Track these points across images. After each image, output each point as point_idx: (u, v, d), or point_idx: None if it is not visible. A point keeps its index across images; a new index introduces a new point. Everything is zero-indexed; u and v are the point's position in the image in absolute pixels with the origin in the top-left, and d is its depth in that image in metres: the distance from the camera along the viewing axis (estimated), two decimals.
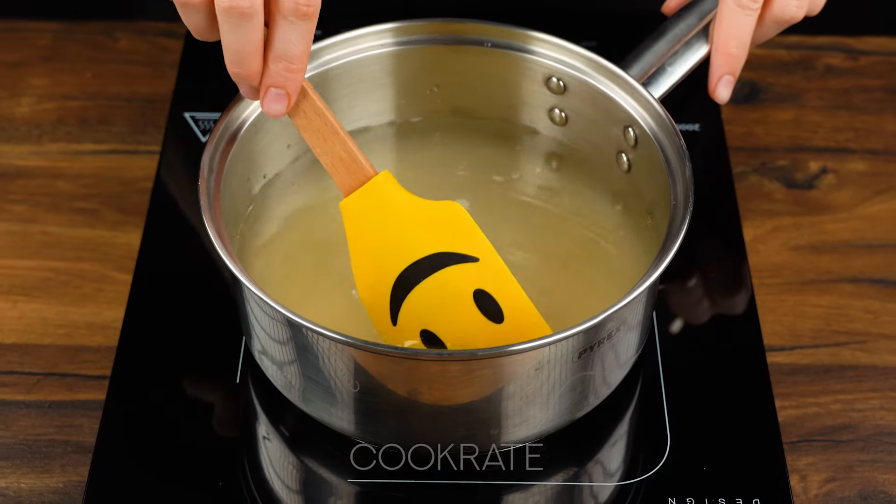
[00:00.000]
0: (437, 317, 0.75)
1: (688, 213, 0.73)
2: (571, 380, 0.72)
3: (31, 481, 0.84)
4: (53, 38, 1.12)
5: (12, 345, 0.91)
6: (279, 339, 0.73)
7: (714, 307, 0.89)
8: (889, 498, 0.84)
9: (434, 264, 0.75)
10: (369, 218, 0.75)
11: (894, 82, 1.09)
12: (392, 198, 0.75)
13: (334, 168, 0.75)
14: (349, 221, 0.76)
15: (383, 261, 0.76)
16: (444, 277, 0.75)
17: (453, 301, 0.75)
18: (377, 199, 0.75)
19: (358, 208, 0.75)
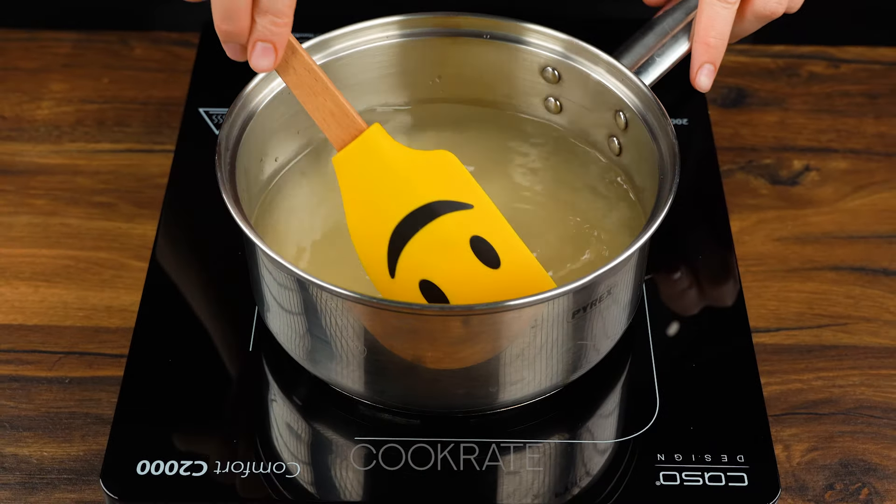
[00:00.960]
0: (435, 266, 0.77)
1: (675, 182, 0.77)
2: (566, 340, 0.77)
3: (53, 450, 0.89)
4: (72, 47, 1.17)
5: (35, 326, 0.96)
6: (288, 301, 0.77)
7: (703, 293, 0.93)
8: (868, 465, 0.89)
9: (429, 214, 0.77)
10: (362, 171, 0.77)
11: (874, 88, 1.14)
12: (384, 150, 0.77)
13: (325, 123, 0.77)
14: (343, 176, 0.78)
15: (378, 214, 0.77)
16: (440, 226, 0.77)
17: (450, 249, 0.77)
18: (369, 152, 0.77)
19: (351, 162, 0.77)
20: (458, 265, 0.77)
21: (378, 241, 0.77)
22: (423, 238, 0.77)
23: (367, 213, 0.78)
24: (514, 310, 0.73)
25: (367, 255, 0.79)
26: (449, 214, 0.77)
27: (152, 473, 0.78)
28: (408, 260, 0.77)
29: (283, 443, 0.80)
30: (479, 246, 0.77)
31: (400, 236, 0.77)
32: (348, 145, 0.77)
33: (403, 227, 0.77)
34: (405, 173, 0.77)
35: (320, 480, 0.78)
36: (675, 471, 0.78)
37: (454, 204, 0.77)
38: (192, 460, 0.78)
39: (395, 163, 0.77)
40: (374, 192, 0.77)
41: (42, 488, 0.87)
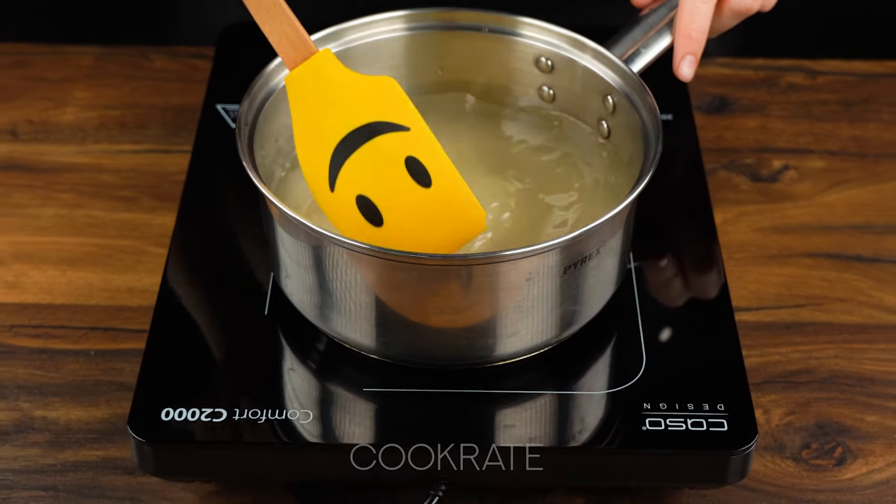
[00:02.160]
0: (371, 182, 0.83)
1: (658, 149, 0.84)
2: (558, 295, 0.83)
3: (80, 414, 0.95)
4: (95, 59, 1.24)
5: (61, 305, 1.02)
6: (301, 258, 0.84)
7: (687, 277, 0.99)
8: (842, 427, 0.95)
9: (369, 133, 0.83)
10: (311, 91, 0.84)
11: (849, 97, 1.21)
12: (332, 72, 0.84)
13: (280, 45, 0.83)
14: (293, 95, 0.84)
15: (323, 131, 0.83)
16: (378, 145, 0.83)
17: (386, 167, 0.82)
18: (318, 73, 0.84)
19: (301, 82, 0.84)
20: (392, 183, 0.83)
21: (321, 156, 0.84)
22: (361, 155, 0.83)
23: (312, 130, 0.84)
24: (510, 261, 0.80)
25: (310, 170, 0.84)
26: (387, 134, 0.83)
27: (175, 419, 0.84)
28: (347, 175, 0.83)
29: (297, 393, 0.86)
30: (413, 166, 0.83)
31: (341, 153, 0.83)
32: (299, 65, 0.84)
33: (344, 144, 0.83)
34: (349, 94, 0.84)
35: (331, 426, 0.84)
36: (660, 418, 0.84)
37: (392, 125, 0.83)
38: (213, 408, 0.84)
39: (341, 84, 0.84)
40: (320, 111, 0.84)
41: (69, 447, 0.93)
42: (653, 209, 0.98)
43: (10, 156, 1.14)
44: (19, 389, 0.96)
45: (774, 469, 0.92)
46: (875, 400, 0.96)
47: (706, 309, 0.93)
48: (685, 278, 0.96)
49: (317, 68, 0.84)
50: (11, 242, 1.07)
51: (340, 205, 0.84)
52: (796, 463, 0.92)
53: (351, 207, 0.84)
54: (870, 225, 1.09)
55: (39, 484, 0.91)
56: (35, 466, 0.91)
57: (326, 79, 0.83)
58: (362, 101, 0.83)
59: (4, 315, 1.01)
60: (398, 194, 0.83)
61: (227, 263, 0.95)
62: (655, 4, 0.97)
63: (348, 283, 0.83)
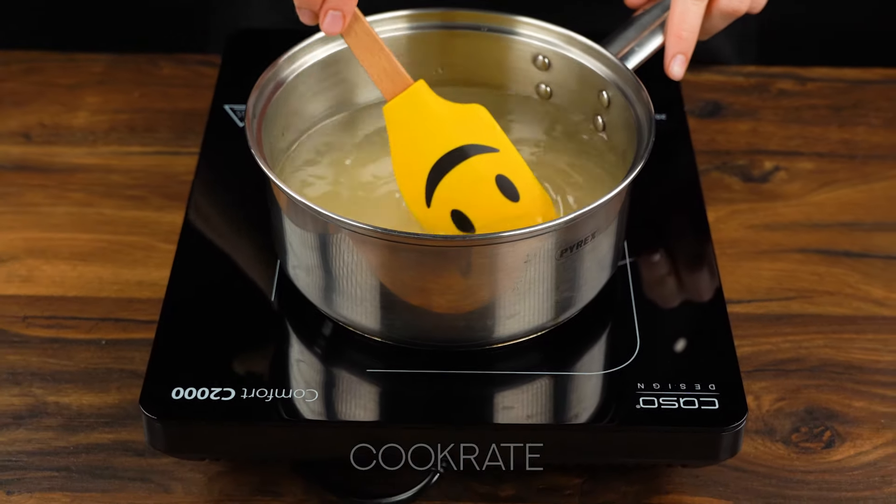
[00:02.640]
0: (464, 198, 0.90)
1: (651, 138, 0.88)
2: (554, 278, 0.87)
3: (91, 399, 0.98)
4: (105, 67, 1.28)
5: (73, 297, 1.05)
6: (305, 242, 0.87)
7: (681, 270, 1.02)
8: (830, 412, 0.98)
9: (462, 155, 0.90)
10: (407, 119, 0.91)
11: (838, 102, 1.25)
12: (427, 101, 0.91)
13: (379, 78, 0.90)
14: (391, 123, 0.91)
15: (420, 154, 0.91)
16: (470, 165, 0.90)
17: (478, 184, 0.90)
18: (415, 102, 0.91)
19: (398, 111, 0.91)
20: (484, 198, 0.90)
21: (418, 177, 0.91)
22: (455, 174, 0.90)
23: (409, 154, 0.91)
24: (508, 242, 0.83)
25: (407, 189, 0.92)
26: (479, 156, 0.90)
27: (185, 398, 0.87)
28: (442, 193, 0.90)
29: (302, 375, 0.89)
30: (502, 183, 0.90)
31: (436, 173, 0.90)
32: (397, 96, 0.91)
33: (440, 165, 0.90)
34: (443, 121, 0.91)
35: (335, 404, 0.88)
36: (653, 397, 0.87)
37: (483, 147, 0.90)
38: (222, 387, 0.87)
39: (435, 112, 0.91)
40: (417, 137, 0.91)
41: (82, 430, 0.96)
42: (647, 207, 1.01)
43: (23, 157, 1.18)
44: (32, 376, 0.99)
45: (765, 451, 0.95)
46: (863, 387, 0.99)
47: (698, 296, 0.96)
48: (678, 271, 0.99)
49: (413, 99, 0.91)
50: (24, 238, 1.10)
51: (436, 219, 0.91)
52: (786, 446, 0.95)
53: (446, 221, 0.91)
54: (858, 222, 1.12)
55: (52, 465, 0.93)
56: (48, 449, 0.94)
57: (422, 108, 0.91)
58: (455, 127, 0.91)
59: (18, 306, 1.04)
60: (490, 209, 0.90)
61: (236, 253, 0.98)
62: (649, 5, 1.00)
63: (352, 266, 0.86)
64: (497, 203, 0.90)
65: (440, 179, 0.90)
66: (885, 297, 1.06)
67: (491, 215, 0.90)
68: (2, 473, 0.93)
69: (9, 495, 0.92)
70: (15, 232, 1.10)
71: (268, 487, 0.92)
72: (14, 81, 1.26)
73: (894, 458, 0.95)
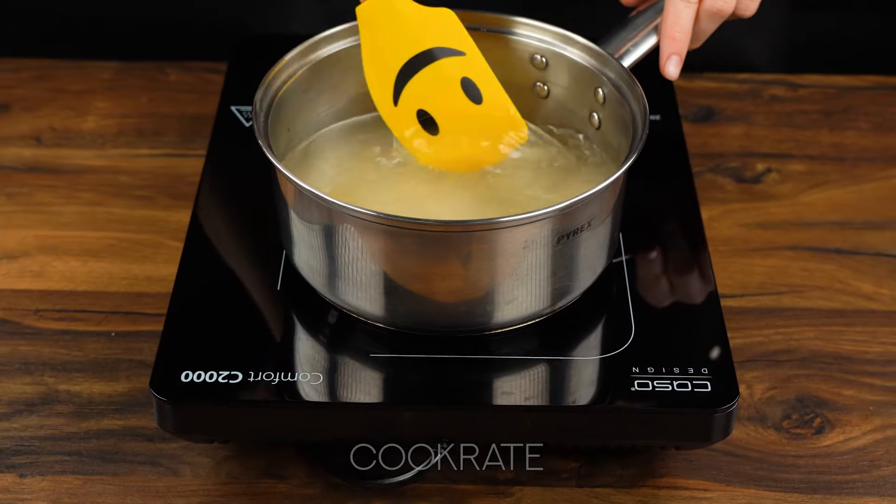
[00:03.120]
0: (430, 98, 0.97)
1: (645, 131, 0.91)
2: (552, 264, 0.90)
3: (102, 387, 1.01)
4: (114, 73, 1.31)
5: (84, 291, 1.08)
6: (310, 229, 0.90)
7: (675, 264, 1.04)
8: (820, 400, 1.00)
9: (430, 57, 0.96)
10: (379, 20, 0.96)
11: (828, 107, 1.28)
12: (397, 4, 0.96)
13: None
14: (363, 24, 0.96)
15: (390, 55, 0.96)
16: (437, 67, 0.96)
17: (444, 85, 0.96)
18: (386, 4, 0.96)
19: (371, 12, 0.96)
20: (448, 99, 0.97)
21: (387, 76, 0.97)
22: (422, 76, 0.96)
23: (379, 55, 0.97)
24: (507, 227, 0.86)
25: (376, 89, 0.97)
26: (445, 59, 0.96)
27: (194, 381, 0.90)
28: (409, 92, 0.97)
29: (307, 359, 0.92)
30: (467, 85, 0.97)
31: (404, 73, 0.97)
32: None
33: (408, 66, 0.96)
34: (412, 23, 0.96)
35: (339, 387, 0.90)
36: (647, 380, 0.90)
37: (450, 50, 0.97)
38: (229, 370, 0.90)
39: (405, 14, 0.96)
40: (387, 38, 0.96)
41: (92, 417, 0.98)
42: (643, 207, 1.03)
43: (34, 159, 1.21)
44: (44, 366, 1.02)
45: (757, 437, 0.98)
46: (852, 376, 1.02)
47: (691, 287, 0.98)
48: (672, 264, 1.02)
49: (385, 1, 0.96)
50: (36, 236, 1.13)
51: (402, 117, 0.98)
52: (777, 432, 0.98)
53: (411, 119, 0.98)
54: (848, 221, 1.16)
55: (64, 449, 0.96)
56: (60, 434, 0.97)
57: (392, 10, 0.96)
58: (424, 30, 0.96)
59: (30, 300, 1.07)
60: (453, 109, 0.97)
61: (243, 246, 1.01)
62: (644, 6, 1.03)
63: (356, 253, 0.89)
64: (461, 104, 0.97)
65: (408, 80, 0.96)
66: (874, 292, 1.09)
67: (454, 115, 0.97)
68: (15, 457, 0.95)
69: (21, 478, 0.94)
70: (26, 230, 1.13)
71: (273, 471, 0.95)
72: (25, 88, 1.29)
73: (882, 443, 0.97)
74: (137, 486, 0.94)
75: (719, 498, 0.94)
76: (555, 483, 0.94)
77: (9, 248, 1.12)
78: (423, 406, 0.89)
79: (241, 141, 1.10)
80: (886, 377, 1.02)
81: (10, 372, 1.01)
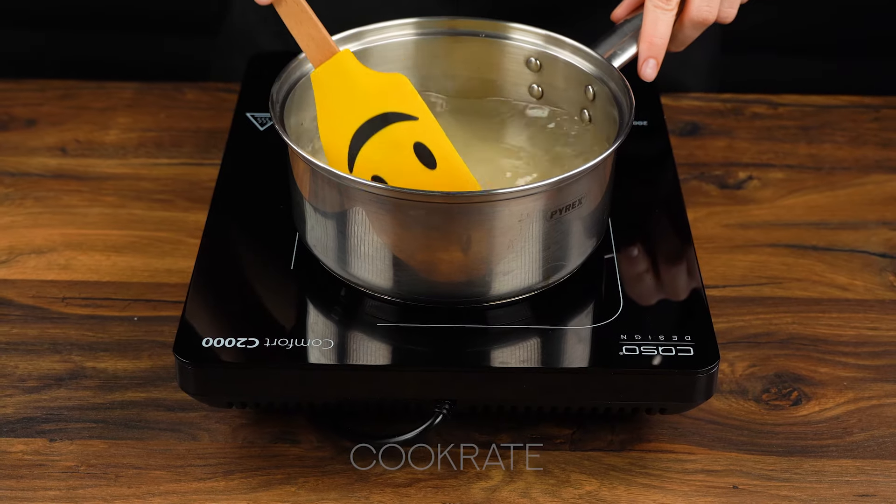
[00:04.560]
0: (384, 164, 0.97)
1: (631, 116, 0.99)
2: (546, 238, 0.97)
3: (126, 365, 1.08)
4: (134, 93, 1.39)
5: (108, 282, 1.16)
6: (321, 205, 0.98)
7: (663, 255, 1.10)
8: (797, 376, 1.08)
9: (382, 122, 0.97)
10: (333, 86, 0.98)
11: (806, 123, 1.36)
12: (351, 70, 0.98)
13: (307, 46, 0.97)
14: (317, 89, 0.98)
15: (343, 120, 0.98)
16: (390, 132, 0.97)
17: (397, 151, 0.97)
18: (339, 70, 0.98)
19: (325, 78, 0.98)
20: (402, 164, 0.97)
21: (341, 141, 0.98)
22: (376, 140, 0.98)
23: (334, 119, 0.98)
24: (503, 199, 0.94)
25: (332, 153, 0.99)
26: (398, 123, 0.98)
27: (214, 346, 0.97)
28: (363, 158, 0.98)
29: (319, 328, 0.99)
30: (420, 150, 0.97)
31: (358, 138, 0.98)
32: (322, 64, 0.99)
33: (362, 131, 0.98)
34: (365, 89, 0.98)
35: (348, 352, 0.97)
36: (635, 345, 0.97)
37: (402, 115, 0.98)
38: (247, 337, 0.97)
39: (358, 80, 0.98)
40: (341, 103, 0.98)
41: (117, 389, 1.05)
42: (633, 209, 1.11)
43: (60, 167, 1.29)
44: (72, 346, 1.09)
45: (738, 408, 1.05)
46: (827, 356, 1.09)
47: (676, 268, 1.06)
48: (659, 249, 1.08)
49: (338, 66, 0.99)
50: (62, 234, 1.20)
51: None
52: (757, 404, 1.05)
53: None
54: (824, 222, 1.23)
55: (91, 418, 1.03)
56: (87, 405, 1.04)
57: (346, 75, 0.98)
58: (377, 95, 0.98)
59: (57, 289, 1.14)
60: (407, 175, 0.98)
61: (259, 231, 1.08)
62: (630, 16, 1.12)
63: (364, 227, 0.96)
64: (414, 169, 0.97)
65: (362, 145, 0.98)
66: (848, 283, 1.16)
67: (408, 181, 0.97)
68: (45, 425, 1.02)
69: (52, 442, 1.01)
70: (53, 229, 1.21)
71: (286, 436, 1.02)
72: (51, 105, 1.37)
73: (855, 413, 1.04)
74: (160, 450, 1.01)
75: (702, 460, 1.00)
76: (550, 447, 1.01)
77: (37, 245, 1.19)
78: (425, 368, 0.96)
79: (256, 141, 1.18)
80: (860, 356, 1.09)
81: (39, 351, 1.08)
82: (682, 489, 0.98)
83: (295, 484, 0.98)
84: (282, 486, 0.98)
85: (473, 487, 0.98)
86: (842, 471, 1.00)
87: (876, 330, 1.12)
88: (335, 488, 0.98)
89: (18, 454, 1.00)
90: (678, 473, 1.00)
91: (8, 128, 1.34)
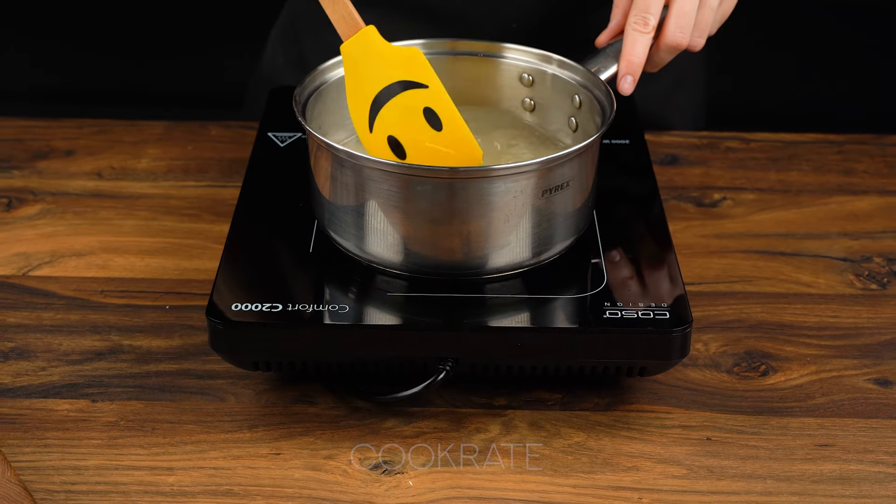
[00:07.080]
0: (397, 125, 1.12)
1: (613, 110, 1.12)
2: (538, 214, 1.10)
3: (159, 343, 1.20)
4: (163, 130, 1.53)
5: (142, 278, 1.28)
6: (341, 189, 1.10)
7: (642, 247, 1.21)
8: (765, 353, 1.19)
9: (398, 88, 1.11)
10: (358, 56, 1.12)
11: (775, 155, 1.50)
12: (374, 43, 1.12)
13: (338, 23, 1.12)
14: (346, 60, 1.13)
15: (366, 87, 1.12)
16: (404, 98, 1.11)
17: (410, 114, 1.11)
18: (364, 43, 1.12)
19: (352, 50, 1.12)
20: (413, 126, 1.12)
21: (364, 106, 1.13)
22: (392, 105, 1.13)
23: (358, 87, 1.13)
24: (500, 176, 1.06)
25: (356, 117, 1.14)
26: (411, 90, 1.12)
27: (242, 310, 1.09)
28: (380, 120, 1.13)
29: (335, 296, 1.11)
30: (429, 114, 1.12)
31: (377, 103, 1.13)
32: (351, 37, 1.13)
33: (380, 96, 1.13)
34: (386, 59, 1.12)
35: (363, 314, 1.09)
36: (617, 310, 1.09)
37: (415, 84, 1.13)
38: (272, 303, 1.09)
39: (380, 52, 1.12)
40: (364, 72, 1.13)
41: (152, 362, 1.17)
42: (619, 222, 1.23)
43: (96, 188, 1.42)
44: (110, 328, 1.21)
45: (712, 378, 1.16)
46: (793, 338, 1.21)
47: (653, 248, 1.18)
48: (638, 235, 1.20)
49: (363, 39, 1.13)
50: (99, 241, 1.33)
51: (376, 143, 1.14)
52: (729, 375, 1.17)
53: (383, 144, 1.13)
54: (791, 233, 1.36)
55: (128, 384, 1.15)
56: (125, 374, 1.16)
57: (370, 47, 1.13)
58: (395, 65, 1.13)
59: (96, 284, 1.27)
60: (418, 135, 1.12)
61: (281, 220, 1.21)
62: (613, 40, 1.26)
63: (376, 203, 1.09)
64: (423, 131, 1.12)
65: (380, 108, 1.13)
66: (812, 281, 1.29)
67: (418, 141, 1.12)
68: (87, 389, 1.14)
69: (94, 403, 1.12)
70: (91, 236, 1.33)
71: (305, 398, 1.13)
72: (87, 139, 1.51)
73: (817, 382, 1.16)
74: (190, 409, 1.12)
75: (679, 417, 1.12)
76: (543, 409, 1.13)
77: (76, 249, 1.31)
78: (430, 327, 1.08)
79: (277, 157, 1.31)
80: (822, 338, 1.21)
81: (80, 332, 1.20)
82: (660, 440, 1.10)
83: (313, 435, 1.10)
84: (301, 437, 1.09)
85: (473, 438, 1.09)
86: (804, 426, 1.11)
87: (837, 318, 1.24)
88: (349, 439, 1.09)
89: (64, 412, 1.11)
90: (657, 428, 1.11)
91: (48, 157, 1.47)
